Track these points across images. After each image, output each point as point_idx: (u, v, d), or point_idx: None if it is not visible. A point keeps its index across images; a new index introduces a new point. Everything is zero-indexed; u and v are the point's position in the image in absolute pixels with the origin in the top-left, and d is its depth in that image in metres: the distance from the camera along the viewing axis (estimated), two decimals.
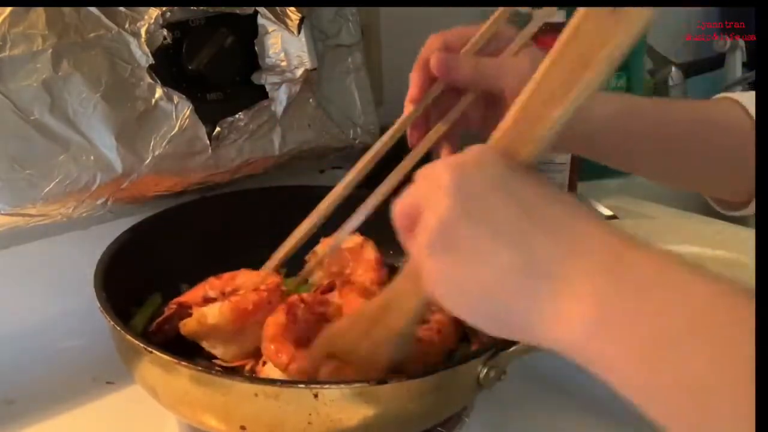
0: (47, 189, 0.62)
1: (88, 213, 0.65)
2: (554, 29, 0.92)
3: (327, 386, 0.48)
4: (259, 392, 0.48)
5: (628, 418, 0.61)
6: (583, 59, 0.37)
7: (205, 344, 0.58)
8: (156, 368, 0.52)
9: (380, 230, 0.50)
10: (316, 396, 0.47)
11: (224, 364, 0.57)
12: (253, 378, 0.53)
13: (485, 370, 0.52)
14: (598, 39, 0.36)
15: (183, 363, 0.49)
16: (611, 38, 0.36)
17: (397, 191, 0.52)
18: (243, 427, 0.50)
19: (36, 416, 0.60)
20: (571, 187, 0.95)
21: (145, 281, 0.63)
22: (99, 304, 0.54)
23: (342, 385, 0.49)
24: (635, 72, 1.06)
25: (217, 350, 0.57)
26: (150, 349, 0.50)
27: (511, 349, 0.52)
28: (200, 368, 0.50)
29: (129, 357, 0.55)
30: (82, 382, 0.64)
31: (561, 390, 0.63)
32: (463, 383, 0.53)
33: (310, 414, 0.48)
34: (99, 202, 0.65)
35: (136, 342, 0.51)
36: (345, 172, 0.62)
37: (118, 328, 0.52)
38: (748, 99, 0.61)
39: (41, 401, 0.61)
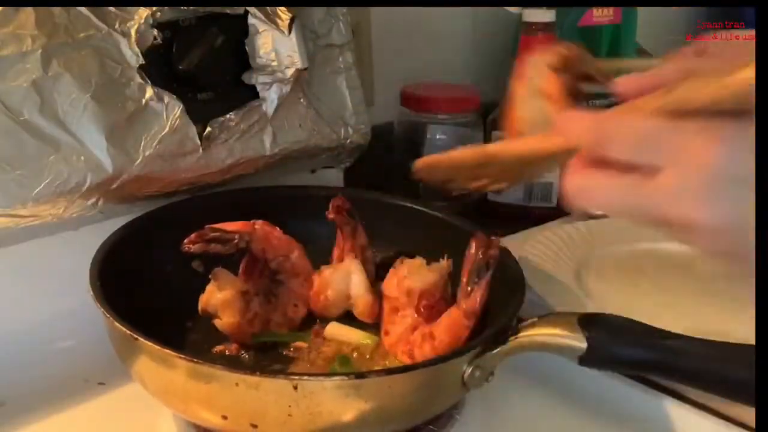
0: (37, 190, 0.61)
1: (79, 213, 0.65)
2: (544, 29, 0.93)
3: (306, 378, 0.48)
4: (240, 381, 0.48)
5: (620, 416, 0.62)
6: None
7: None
8: (143, 356, 0.52)
9: None
10: (295, 388, 0.47)
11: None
12: (234, 367, 0.53)
13: (470, 370, 0.52)
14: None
15: (167, 350, 0.50)
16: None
17: None
18: (224, 417, 0.50)
19: (27, 418, 0.60)
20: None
21: (138, 278, 0.63)
22: (92, 292, 0.55)
23: (322, 378, 0.50)
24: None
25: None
26: (136, 336, 0.51)
27: (497, 349, 0.53)
28: (183, 355, 0.50)
29: (119, 346, 0.55)
30: (74, 383, 0.64)
31: (553, 388, 0.64)
32: (447, 382, 0.53)
33: (290, 406, 0.48)
34: (89, 202, 0.65)
35: (123, 329, 0.51)
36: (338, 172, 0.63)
37: (109, 316, 0.53)
38: None
39: (32, 403, 0.61)
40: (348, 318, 0.68)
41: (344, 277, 0.67)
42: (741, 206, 0.33)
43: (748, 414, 0.56)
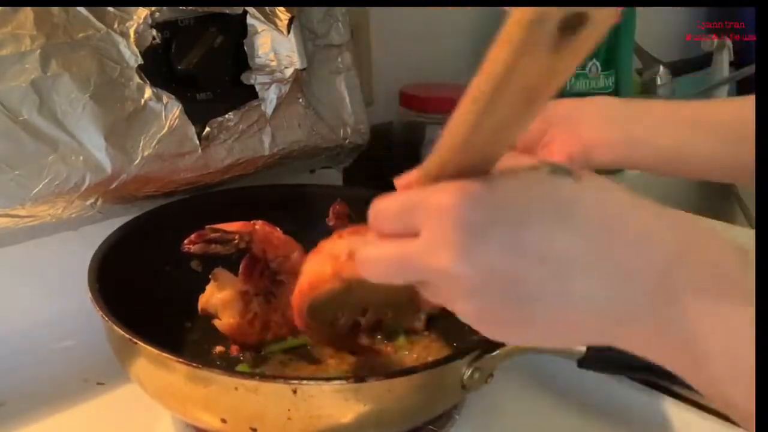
0: (36, 190, 0.61)
1: (78, 214, 0.65)
2: None
3: (305, 382, 0.48)
4: (239, 386, 0.48)
5: (620, 416, 0.62)
6: (529, 94, 0.32)
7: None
8: (142, 359, 0.52)
9: None
10: (294, 392, 0.47)
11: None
12: (233, 372, 0.53)
13: (469, 372, 0.52)
14: (542, 75, 0.31)
15: (165, 354, 0.50)
16: (557, 72, 0.31)
17: None
18: (224, 420, 0.50)
19: (26, 418, 0.60)
20: None
21: (137, 278, 0.63)
22: (90, 295, 0.55)
23: (321, 382, 0.50)
24: (624, 71, 1.07)
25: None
26: (135, 340, 0.51)
27: (496, 352, 0.52)
28: (182, 359, 0.50)
29: (118, 348, 0.55)
30: (73, 383, 0.64)
31: (551, 388, 0.64)
32: (447, 384, 0.53)
33: (289, 409, 0.48)
34: (88, 202, 0.65)
35: (122, 332, 0.51)
36: (337, 172, 0.63)
37: (107, 319, 0.53)
38: None
39: (32, 403, 0.61)
40: None
41: None
42: (486, 248, 0.33)
43: None
